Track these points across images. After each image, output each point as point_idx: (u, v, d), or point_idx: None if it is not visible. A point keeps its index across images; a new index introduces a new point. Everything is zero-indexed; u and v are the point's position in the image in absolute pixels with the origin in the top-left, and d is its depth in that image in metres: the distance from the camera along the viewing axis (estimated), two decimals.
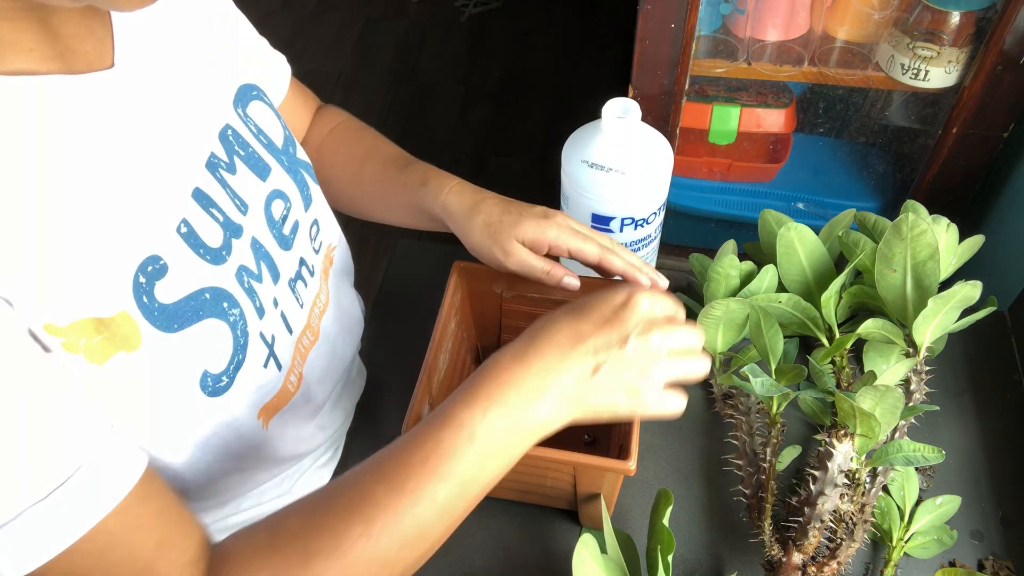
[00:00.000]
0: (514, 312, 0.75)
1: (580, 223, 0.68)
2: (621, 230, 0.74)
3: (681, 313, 0.58)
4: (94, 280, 0.47)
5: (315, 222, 0.70)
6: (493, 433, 0.51)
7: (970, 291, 0.71)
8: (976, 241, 0.81)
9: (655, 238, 0.79)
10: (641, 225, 0.74)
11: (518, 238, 0.66)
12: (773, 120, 1.34)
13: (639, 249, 0.77)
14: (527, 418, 0.52)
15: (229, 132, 0.60)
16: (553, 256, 0.68)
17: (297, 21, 2.70)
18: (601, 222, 0.73)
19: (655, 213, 0.75)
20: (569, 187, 0.74)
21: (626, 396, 0.54)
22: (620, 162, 0.71)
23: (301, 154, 0.69)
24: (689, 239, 1.50)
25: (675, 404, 0.56)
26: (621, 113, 0.70)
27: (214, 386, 0.56)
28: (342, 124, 0.81)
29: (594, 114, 0.72)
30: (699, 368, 0.57)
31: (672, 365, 0.55)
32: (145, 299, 0.50)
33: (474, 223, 0.68)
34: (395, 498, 0.49)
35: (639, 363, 0.54)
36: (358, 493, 0.49)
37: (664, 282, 0.68)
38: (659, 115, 1.22)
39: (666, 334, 0.55)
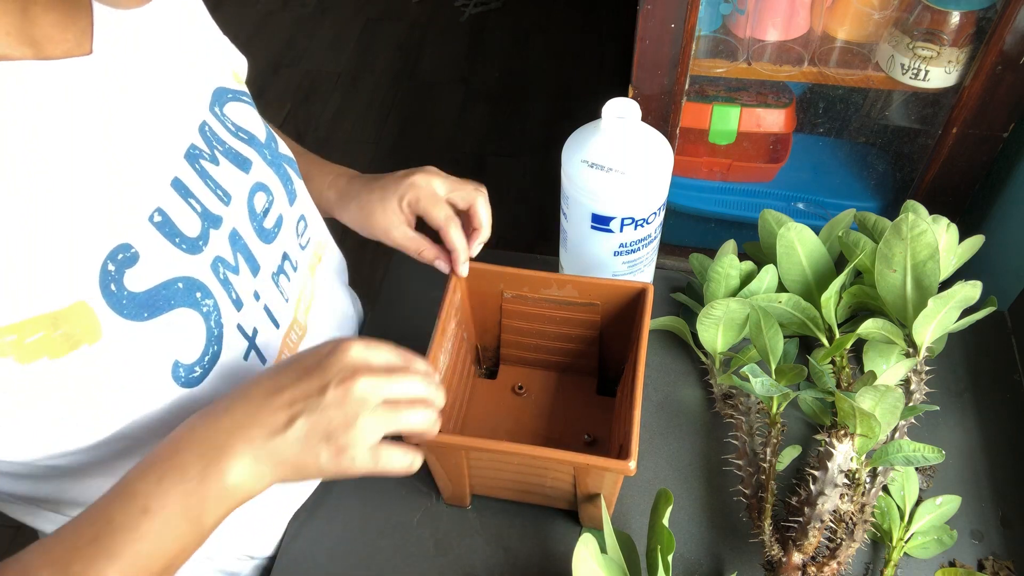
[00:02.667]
0: (514, 312, 0.75)
1: (446, 177, 0.71)
2: (621, 230, 0.74)
3: (415, 365, 0.53)
4: (46, 274, 0.46)
5: (302, 217, 0.70)
6: (170, 502, 0.46)
7: (970, 291, 0.71)
8: (976, 241, 0.81)
9: (655, 238, 0.79)
10: (641, 225, 0.74)
11: (387, 212, 0.71)
12: (773, 120, 1.34)
13: (638, 249, 0.77)
14: (210, 482, 0.46)
15: (207, 128, 0.61)
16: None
17: (297, 21, 2.70)
18: (601, 222, 0.73)
19: (655, 213, 0.74)
20: (569, 187, 0.74)
21: (329, 451, 0.48)
22: (620, 162, 0.71)
23: (284, 149, 0.69)
24: (689, 239, 1.50)
25: (396, 461, 0.50)
26: (621, 113, 0.70)
27: (187, 376, 0.56)
28: None
29: (594, 114, 0.72)
30: (420, 420, 0.51)
31: (386, 417, 0.49)
32: (113, 287, 0.50)
33: (349, 210, 0.72)
34: None
35: (341, 413, 0.48)
36: None
37: (462, 272, 0.70)
38: (659, 115, 1.22)
39: (377, 381, 0.49)
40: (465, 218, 0.72)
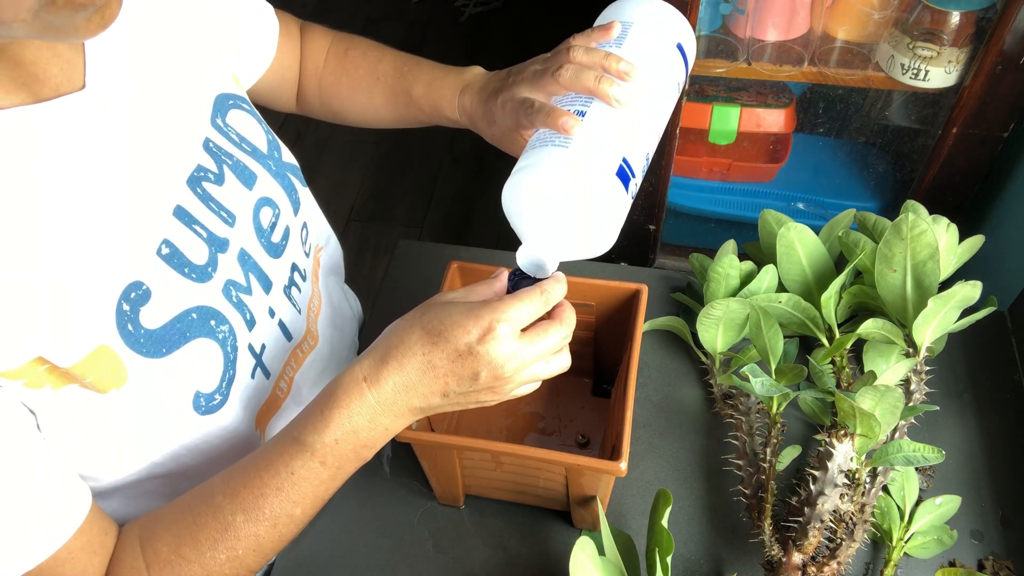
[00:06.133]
0: None
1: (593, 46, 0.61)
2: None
3: (548, 303, 0.53)
4: (69, 319, 0.47)
5: (304, 225, 0.69)
6: (344, 456, 0.53)
7: (970, 291, 0.71)
8: (976, 241, 0.81)
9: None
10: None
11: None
12: (773, 120, 1.34)
13: None
14: (375, 434, 0.54)
15: (211, 144, 0.59)
16: None
17: None
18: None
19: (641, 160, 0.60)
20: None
21: (476, 406, 0.55)
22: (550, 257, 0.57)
23: (287, 157, 0.68)
24: (689, 239, 1.50)
25: (526, 391, 0.56)
26: (533, 269, 0.57)
27: (207, 405, 0.56)
28: (332, 52, 0.80)
29: None
30: (556, 369, 0.55)
31: (530, 383, 0.55)
32: (130, 327, 0.49)
33: (496, 101, 0.67)
34: (255, 525, 0.52)
35: (491, 392, 0.54)
36: (220, 523, 0.52)
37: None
38: None
39: (523, 366, 0.53)
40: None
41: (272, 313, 0.62)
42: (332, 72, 0.79)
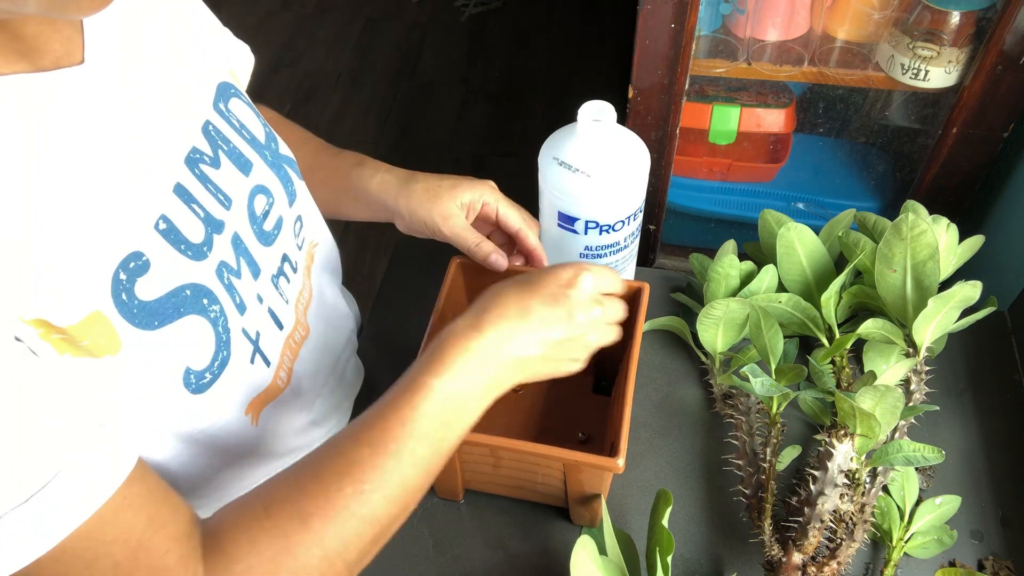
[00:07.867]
0: None
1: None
2: (586, 232, 0.73)
3: (618, 281, 0.63)
4: (62, 284, 0.46)
5: (299, 218, 0.70)
6: (457, 396, 0.55)
7: (970, 291, 0.71)
8: (976, 241, 0.81)
9: (626, 247, 0.77)
10: (607, 231, 0.73)
11: (456, 200, 0.73)
12: (773, 120, 1.34)
13: (605, 255, 0.76)
14: (483, 381, 0.56)
15: (211, 127, 0.60)
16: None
17: (297, 21, 2.70)
18: (566, 221, 0.73)
19: (623, 222, 0.73)
20: (542, 183, 0.74)
21: (569, 364, 0.60)
22: (588, 164, 0.70)
23: (284, 150, 0.69)
24: (689, 239, 1.50)
25: (585, 354, 0.61)
26: (596, 116, 0.70)
27: (197, 383, 0.56)
28: (271, 119, 0.81)
29: None
30: (609, 337, 0.62)
31: (605, 334, 0.61)
32: (124, 296, 0.50)
33: (413, 189, 0.74)
34: (380, 459, 0.51)
35: (583, 338, 0.59)
36: (344, 458, 0.51)
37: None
38: (659, 115, 1.21)
39: (605, 311, 0.59)
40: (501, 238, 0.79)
41: (260, 299, 0.63)
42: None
